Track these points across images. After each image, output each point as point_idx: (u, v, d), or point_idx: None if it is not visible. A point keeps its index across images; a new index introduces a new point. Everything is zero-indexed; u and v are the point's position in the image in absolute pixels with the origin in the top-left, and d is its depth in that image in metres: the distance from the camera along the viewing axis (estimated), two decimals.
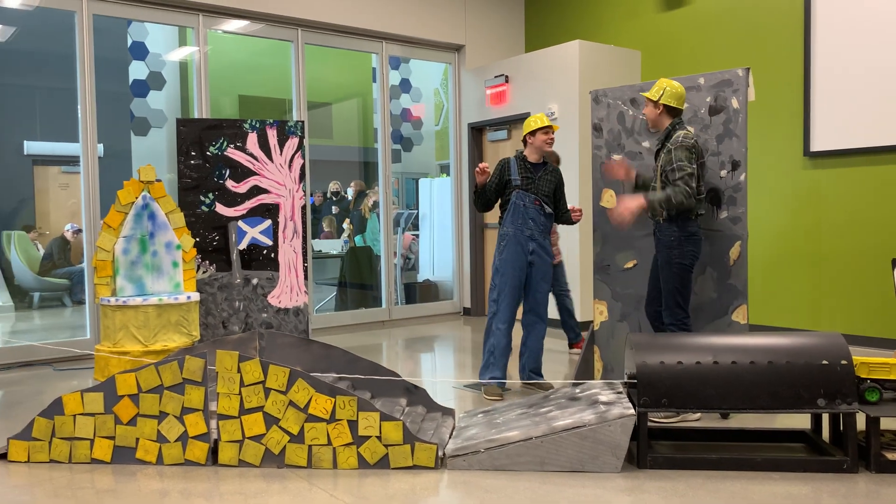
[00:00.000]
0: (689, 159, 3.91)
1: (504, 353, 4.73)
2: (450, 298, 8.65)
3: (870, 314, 5.92)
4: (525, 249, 4.73)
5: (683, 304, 4.04)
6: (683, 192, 3.87)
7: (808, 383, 3.22)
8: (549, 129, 4.76)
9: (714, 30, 6.92)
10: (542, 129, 4.75)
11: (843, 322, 6.07)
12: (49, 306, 8.77)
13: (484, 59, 8.48)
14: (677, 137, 3.98)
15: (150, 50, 7.42)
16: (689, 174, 3.89)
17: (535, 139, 4.77)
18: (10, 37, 7.26)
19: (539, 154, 4.80)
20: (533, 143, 4.78)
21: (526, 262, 4.74)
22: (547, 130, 4.76)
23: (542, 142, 4.76)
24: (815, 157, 6.20)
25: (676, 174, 3.90)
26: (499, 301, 4.74)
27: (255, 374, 3.36)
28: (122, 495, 3.06)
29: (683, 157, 3.90)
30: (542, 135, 4.75)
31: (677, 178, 3.89)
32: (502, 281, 4.73)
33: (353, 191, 8.81)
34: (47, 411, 3.47)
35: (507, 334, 4.73)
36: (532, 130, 4.76)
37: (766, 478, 3.16)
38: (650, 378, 3.30)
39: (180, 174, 5.48)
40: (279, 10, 7.02)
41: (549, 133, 4.76)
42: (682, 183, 3.88)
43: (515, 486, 3.10)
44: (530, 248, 4.74)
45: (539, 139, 4.76)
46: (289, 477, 3.25)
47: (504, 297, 4.72)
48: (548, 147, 4.79)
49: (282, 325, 5.64)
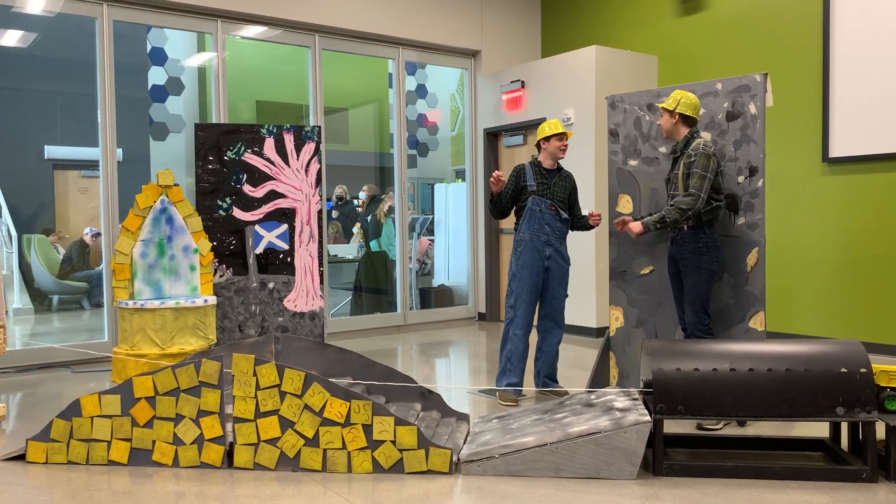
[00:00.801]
0: (708, 168, 3.96)
1: (521, 359, 4.73)
2: (465, 303, 8.64)
3: (890, 322, 5.85)
4: (542, 255, 4.73)
5: (707, 309, 4.10)
6: (678, 210, 3.98)
7: (826, 391, 3.19)
8: (564, 136, 4.76)
9: (731, 35, 6.88)
10: (557, 136, 4.75)
11: (863, 329, 6.00)
12: (68, 309, 8.86)
13: (500, 65, 8.49)
14: (698, 145, 4.00)
15: (169, 55, 7.50)
16: (706, 187, 3.97)
17: (549, 145, 4.77)
18: (31, 43, 7.35)
19: (553, 160, 4.80)
20: (547, 148, 4.78)
21: (542, 268, 4.74)
22: (561, 137, 4.75)
23: (556, 148, 4.76)
24: (834, 164, 6.15)
25: (695, 181, 3.95)
26: (516, 307, 4.74)
27: (271, 378, 3.37)
28: (138, 497, 3.08)
29: (704, 165, 3.95)
30: (557, 141, 4.75)
31: (694, 186, 3.95)
32: (519, 286, 4.73)
33: (366, 195, 8.81)
34: (65, 413, 3.50)
35: (524, 340, 4.73)
36: (546, 136, 4.76)
37: (783, 486, 3.13)
38: (666, 385, 3.29)
39: (198, 178, 5.52)
40: (297, 16, 7.06)
41: (564, 139, 4.76)
42: (694, 191, 3.95)
43: (530, 492, 3.09)
44: (547, 253, 4.74)
45: (553, 145, 4.76)
46: (303, 480, 3.26)
47: (521, 302, 4.72)
48: (561, 154, 4.78)
49: (297, 329, 5.66)
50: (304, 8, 7.10)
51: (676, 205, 3.99)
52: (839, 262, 6.14)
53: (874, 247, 5.92)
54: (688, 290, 4.09)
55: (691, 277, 4.07)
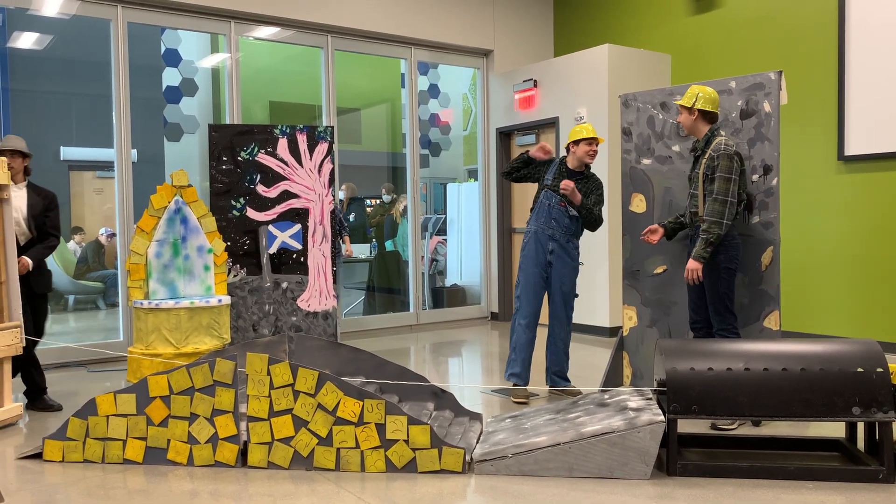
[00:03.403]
0: (732, 170, 3.89)
1: (524, 349, 4.74)
2: (477, 303, 8.64)
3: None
4: (545, 248, 4.72)
5: (731, 307, 4.03)
6: (712, 224, 3.88)
7: (842, 391, 3.16)
8: (594, 141, 4.71)
9: (745, 33, 6.84)
10: (586, 140, 4.71)
11: (880, 329, 5.95)
12: (83, 309, 8.93)
13: (512, 64, 8.48)
14: (719, 144, 3.93)
15: (183, 57, 7.53)
16: (732, 190, 3.89)
17: (577, 149, 4.73)
18: (47, 45, 7.42)
19: (580, 164, 4.77)
20: (575, 152, 4.75)
21: (545, 261, 4.73)
22: (591, 142, 4.70)
23: (584, 153, 4.71)
24: (850, 162, 6.10)
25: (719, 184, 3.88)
26: (521, 298, 4.77)
27: (285, 377, 3.39)
28: (153, 495, 3.10)
29: (727, 167, 3.88)
30: (586, 146, 4.70)
31: (719, 190, 3.88)
32: (523, 277, 4.77)
33: (346, 195, 8.69)
34: (81, 412, 3.53)
35: (526, 331, 4.74)
36: (576, 140, 4.73)
37: (798, 487, 3.10)
38: (680, 384, 3.27)
39: (212, 179, 5.55)
40: (309, 16, 7.08)
41: (593, 145, 4.70)
42: (720, 196, 3.86)
43: (543, 491, 3.09)
44: (550, 247, 4.73)
45: (582, 150, 4.71)
46: (317, 479, 3.27)
47: (524, 293, 4.75)
48: (589, 159, 4.72)
49: (311, 329, 5.68)
50: (317, 9, 7.12)
51: (708, 219, 3.89)
52: (855, 260, 6.08)
53: (891, 245, 5.86)
54: (707, 290, 4.06)
55: (709, 277, 4.02)
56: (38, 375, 4.59)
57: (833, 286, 6.23)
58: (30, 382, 4.56)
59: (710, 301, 4.04)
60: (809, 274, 6.38)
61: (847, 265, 6.14)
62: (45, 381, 4.65)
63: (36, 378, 4.57)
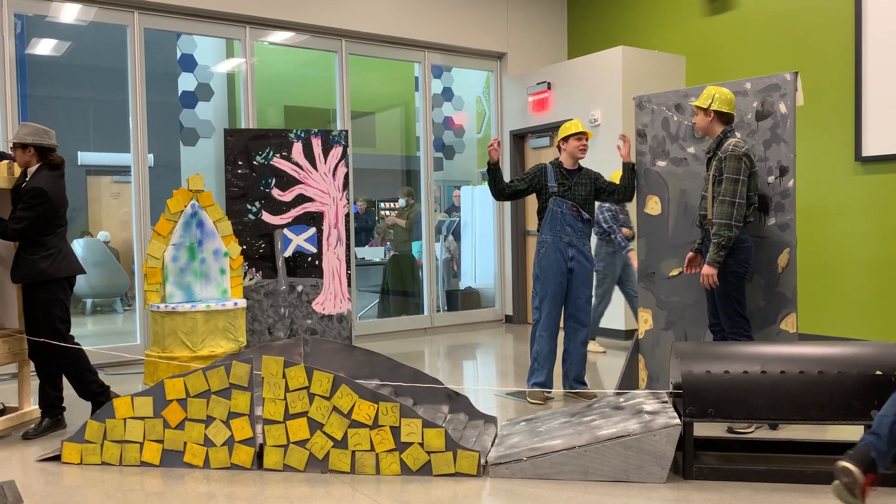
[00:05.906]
0: (739, 171, 3.86)
1: (547, 360, 4.74)
2: (491, 306, 8.63)
3: None
4: (564, 256, 4.72)
5: (742, 311, 3.99)
6: (721, 226, 3.86)
7: (860, 394, 3.13)
8: (583, 136, 4.75)
9: (760, 34, 6.80)
10: (576, 135, 4.74)
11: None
12: (101, 312, 9.01)
13: (526, 67, 8.47)
14: (728, 146, 3.91)
15: (198, 62, 7.59)
16: (739, 191, 3.85)
17: (567, 145, 4.76)
18: (65, 51, 7.50)
19: (574, 160, 4.79)
20: (566, 148, 4.78)
21: (566, 269, 4.73)
22: (580, 136, 4.74)
23: (575, 147, 4.75)
24: (867, 163, 6.04)
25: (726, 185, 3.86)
26: (541, 308, 4.75)
27: (300, 380, 3.40)
28: (169, 498, 3.12)
29: (735, 168, 3.85)
30: (575, 141, 4.74)
31: (726, 192, 3.86)
32: (543, 288, 4.74)
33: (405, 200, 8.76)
34: (99, 415, 3.57)
35: (549, 341, 4.74)
36: (565, 136, 4.75)
37: (816, 491, 3.08)
38: (696, 387, 3.25)
39: (228, 183, 5.59)
40: (324, 21, 7.12)
41: (583, 139, 4.75)
42: (727, 198, 3.84)
43: (558, 494, 3.08)
44: (570, 254, 4.73)
45: (572, 145, 4.75)
46: (332, 482, 3.28)
47: (545, 304, 4.73)
48: (581, 153, 4.76)
49: (325, 332, 5.70)
50: (331, 13, 7.16)
51: (717, 222, 3.88)
52: (873, 262, 6.02)
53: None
54: (717, 294, 4.03)
55: (718, 281, 4.00)
56: (52, 388, 4.29)
57: (851, 288, 6.17)
58: (41, 394, 4.31)
59: (720, 304, 4.01)
60: (827, 276, 6.32)
61: (865, 267, 6.08)
62: (61, 390, 4.35)
63: (47, 391, 4.29)
